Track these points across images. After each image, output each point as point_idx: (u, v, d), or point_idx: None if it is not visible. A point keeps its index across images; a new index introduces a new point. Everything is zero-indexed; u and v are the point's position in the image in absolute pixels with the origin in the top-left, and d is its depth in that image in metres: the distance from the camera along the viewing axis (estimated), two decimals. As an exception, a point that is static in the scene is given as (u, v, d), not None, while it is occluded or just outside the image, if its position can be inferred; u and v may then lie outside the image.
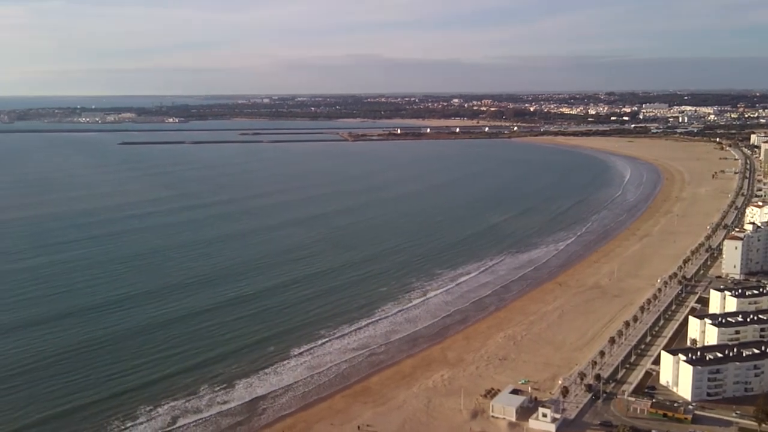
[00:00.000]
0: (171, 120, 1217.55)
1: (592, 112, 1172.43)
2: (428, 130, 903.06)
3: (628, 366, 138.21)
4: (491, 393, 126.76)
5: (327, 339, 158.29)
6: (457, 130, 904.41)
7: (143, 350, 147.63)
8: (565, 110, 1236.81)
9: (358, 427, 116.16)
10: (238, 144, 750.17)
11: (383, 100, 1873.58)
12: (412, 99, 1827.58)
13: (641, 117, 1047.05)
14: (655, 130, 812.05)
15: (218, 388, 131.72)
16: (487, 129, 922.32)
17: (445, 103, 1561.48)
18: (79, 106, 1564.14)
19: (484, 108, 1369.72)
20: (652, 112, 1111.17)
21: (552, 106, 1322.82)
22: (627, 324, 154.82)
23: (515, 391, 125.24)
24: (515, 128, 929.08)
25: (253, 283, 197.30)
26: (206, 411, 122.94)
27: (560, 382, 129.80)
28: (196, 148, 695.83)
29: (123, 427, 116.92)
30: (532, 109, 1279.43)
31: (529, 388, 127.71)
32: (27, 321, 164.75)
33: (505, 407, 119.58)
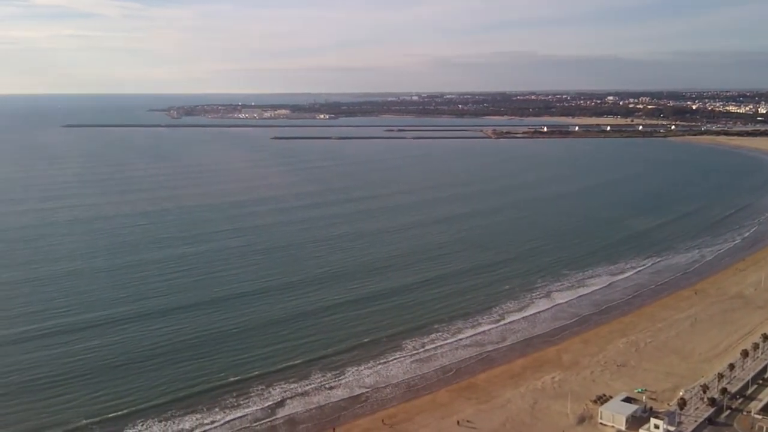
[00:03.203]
0: (322, 116, 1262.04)
1: (762, 111, 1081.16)
2: (576, 128, 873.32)
3: (760, 382, 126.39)
4: (602, 399, 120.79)
5: (441, 334, 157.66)
6: (608, 128, 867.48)
7: (270, 339, 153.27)
8: (732, 108, 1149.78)
9: (458, 422, 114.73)
10: (382, 140, 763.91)
11: (533, 97, 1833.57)
12: (564, 96, 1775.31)
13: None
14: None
15: (329, 374, 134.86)
16: (640, 127, 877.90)
17: (599, 101, 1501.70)
18: (240, 103, 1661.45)
19: (640, 106, 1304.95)
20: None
21: (717, 105, 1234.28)
22: (765, 337, 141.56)
23: (628, 399, 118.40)
24: (672, 127, 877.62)
25: (383, 281, 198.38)
26: (313, 395, 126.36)
27: (681, 393, 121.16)
28: (342, 144, 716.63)
29: (235, 404, 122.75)
30: (693, 107, 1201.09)
31: (644, 398, 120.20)
32: (168, 307, 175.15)
33: (614, 415, 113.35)
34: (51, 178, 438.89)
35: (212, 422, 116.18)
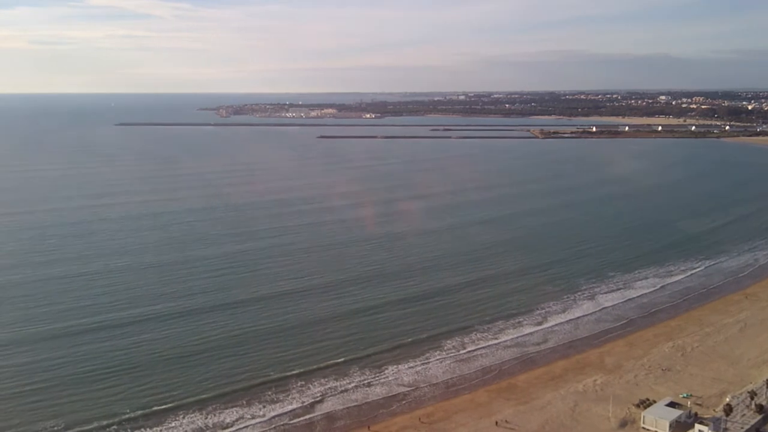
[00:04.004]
0: (368, 116, 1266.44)
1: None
2: (626, 128, 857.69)
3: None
4: (645, 403, 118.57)
5: (482, 334, 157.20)
6: (659, 128, 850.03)
7: (312, 337, 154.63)
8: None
9: (496, 423, 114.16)
10: (428, 140, 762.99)
11: (582, 97, 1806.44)
12: (614, 96, 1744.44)
13: None
14: None
15: (369, 373, 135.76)
16: (693, 128, 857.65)
17: (650, 100, 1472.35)
18: (287, 102, 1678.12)
19: (693, 106, 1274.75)
20: None
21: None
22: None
23: (672, 404, 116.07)
24: (726, 127, 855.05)
25: (426, 281, 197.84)
26: (352, 393, 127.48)
27: (727, 399, 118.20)
28: (387, 143, 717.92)
29: (275, 399, 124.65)
30: (749, 107, 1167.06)
31: (689, 403, 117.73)
32: (213, 304, 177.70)
33: (658, 420, 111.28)
34: (103, 175, 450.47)
35: (253, 416, 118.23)
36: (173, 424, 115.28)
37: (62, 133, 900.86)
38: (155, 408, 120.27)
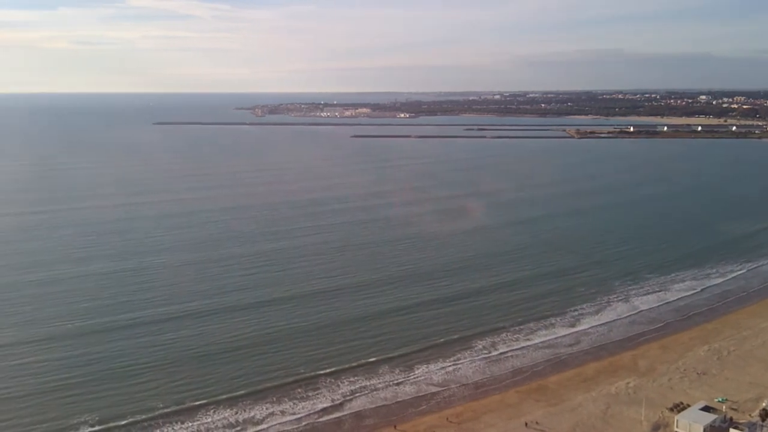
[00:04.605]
0: (402, 115, 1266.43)
1: None
2: (665, 128, 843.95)
3: None
4: (679, 407, 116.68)
5: (514, 335, 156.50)
6: (699, 128, 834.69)
7: (343, 336, 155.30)
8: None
9: (526, 424, 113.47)
10: (462, 139, 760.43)
11: (620, 96, 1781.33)
12: (652, 96, 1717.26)
13: None
14: None
15: (399, 373, 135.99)
16: (734, 128, 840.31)
17: (690, 100, 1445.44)
18: (322, 102, 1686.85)
19: (734, 106, 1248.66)
20: None
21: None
22: None
23: (707, 408, 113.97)
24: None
25: (458, 282, 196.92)
26: (381, 392, 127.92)
27: (763, 404, 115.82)
28: (421, 143, 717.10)
29: (305, 396, 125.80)
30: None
31: (725, 407, 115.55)
32: (246, 302, 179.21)
33: (691, 424, 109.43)
34: (141, 173, 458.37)
35: (283, 413, 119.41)
36: (206, 420, 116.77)
37: (102, 132, 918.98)
38: (188, 404, 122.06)
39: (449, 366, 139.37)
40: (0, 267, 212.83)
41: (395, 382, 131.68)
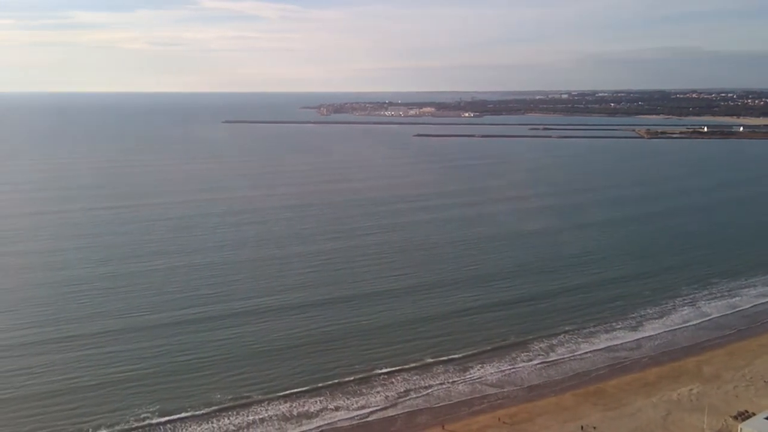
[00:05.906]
0: (466, 114, 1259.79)
1: None
2: (741, 128, 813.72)
3: None
4: (744, 416, 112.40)
5: (573, 337, 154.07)
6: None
7: (400, 337, 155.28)
8: None
9: (582, 427, 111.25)
10: (526, 139, 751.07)
11: (694, 95, 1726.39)
12: (729, 95, 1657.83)
13: None
14: None
15: (454, 373, 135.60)
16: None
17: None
18: (387, 101, 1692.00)
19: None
20: None
21: None
22: None
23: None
24: None
25: (521, 285, 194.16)
26: (435, 391, 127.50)
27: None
28: (485, 142, 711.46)
29: (359, 392, 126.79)
30: None
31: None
32: (305, 301, 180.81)
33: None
34: (208, 170, 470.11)
35: (336, 408, 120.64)
36: (262, 414, 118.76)
37: (174, 129, 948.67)
38: (246, 398, 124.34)
39: (506, 368, 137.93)
40: (74, 260, 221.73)
41: (450, 381, 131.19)
